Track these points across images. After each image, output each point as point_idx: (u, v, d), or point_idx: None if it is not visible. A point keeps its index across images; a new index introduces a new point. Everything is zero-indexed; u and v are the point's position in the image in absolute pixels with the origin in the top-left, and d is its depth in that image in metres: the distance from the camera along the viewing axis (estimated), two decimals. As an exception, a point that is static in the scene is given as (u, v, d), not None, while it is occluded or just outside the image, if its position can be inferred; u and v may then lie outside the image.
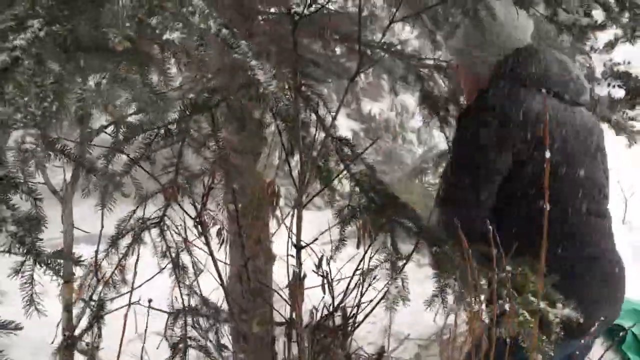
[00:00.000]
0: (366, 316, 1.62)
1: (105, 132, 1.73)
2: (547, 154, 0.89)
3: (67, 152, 1.29)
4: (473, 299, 1.29)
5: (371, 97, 6.59)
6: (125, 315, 1.48)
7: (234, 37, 1.31)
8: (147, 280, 1.77)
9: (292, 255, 1.51)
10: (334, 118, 1.83)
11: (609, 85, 6.10)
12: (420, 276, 2.65)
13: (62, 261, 1.12)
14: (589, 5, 1.78)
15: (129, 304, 1.51)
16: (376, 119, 6.67)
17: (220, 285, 1.53)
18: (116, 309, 1.97)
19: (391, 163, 6.68)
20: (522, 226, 1.64)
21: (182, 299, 1.87)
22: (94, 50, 1.07)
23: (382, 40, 2.26)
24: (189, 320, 1.95)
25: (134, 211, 1.96)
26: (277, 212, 1.56)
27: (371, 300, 1.63)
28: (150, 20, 1.03)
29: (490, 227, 1.28)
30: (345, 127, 6.55)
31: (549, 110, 1.68)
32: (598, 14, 1.88)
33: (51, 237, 1.96)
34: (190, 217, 1.58)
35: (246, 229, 1.82)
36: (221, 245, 1.60)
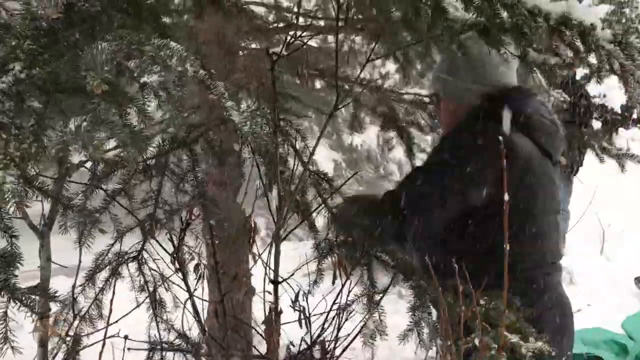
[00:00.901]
0: (343, 350, 1.63)
1: (85, 167, 1.74)
2: (506, 197, 0.92)
3: (45, 190, 1.30)
4: (447, 332, 1.31)
5: (353, 128, 6.65)
6: (100, 353, 1.47)
7: (211, 78, 1.35)
8: (124, 316, 1.76)
9: (269, 292, 1.52)
10: (312, 153, 1.86)
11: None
12: (401, 308, 2.66)
13: (37, 297, 1.12)
14: (557, 45, 1.84)
15: (104, 339, 1.50)
16: (358, 150, 6.73)
17: (197, 321, 1.54)
18: (92, 344, 1.95)
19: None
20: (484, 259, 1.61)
21: (159, 334, 1.86)
22: (74, 92, 1.09)
23: (360, 76, 2.31)
24: (167, 355, 1.94)
25: (112, 245, 1.96)
26: (254, 248, 1.57)
27: (349, 334, 1.64)
28: (128, 63, 1.06)
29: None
30: (327, 158, 6.60)
31: (530, 156, 1.76)
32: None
33: (29, 269, 1.95)
34: (168, 252, 1.58)
35: (224, 264, 1.83)
36: (198, 280, 1.61)
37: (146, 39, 1.11)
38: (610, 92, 7.23)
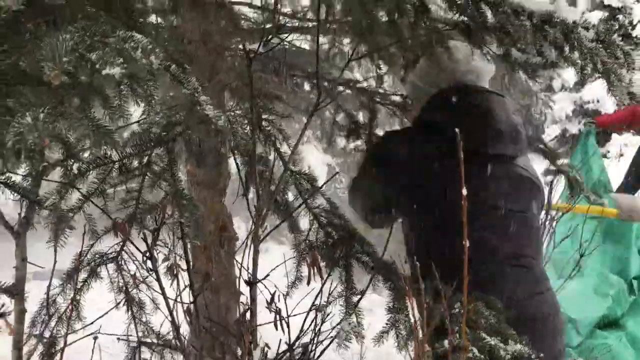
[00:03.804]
0: (321, 353, 1.60)
1: (62, 165, 1.71)
2: (464, 192, 0.90)
3: (12, 185, 1.27)
4: (421, 334, 1.28)
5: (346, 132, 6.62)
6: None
7: (184, 72, 1.33)
8: (101, 317, 1.73)
9: (242, 292, 1.49)
10: (292, 151, 1.84)
11: (579, 122, 6.26)
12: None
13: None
14: (541, 44, 1.82)
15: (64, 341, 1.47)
16: (351, 154, 6.70)
17: (171, 322, 1.51)
18: (69, 344, 1.92)
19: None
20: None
21: (138, 336, 1.83)
22: (35, 84, 1.07)
23: (344, 77, 2.29)
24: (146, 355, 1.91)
25: (91, 246, 1.93)
26: (223, 249, 1.55)
27: (326, 338, 1.61)
28: (90, 55, 1.04)
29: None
30: (321, 162, 6.57)
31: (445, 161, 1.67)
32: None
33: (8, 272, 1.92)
34: (140, 251, 1.56)
35: (203, 265, 1.80)
36: (173, 281, 1.58)
37: (111, 31, 1.09)
38: (603, 97, 7.24)
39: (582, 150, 4.11)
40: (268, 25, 2.75)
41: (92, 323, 1.79)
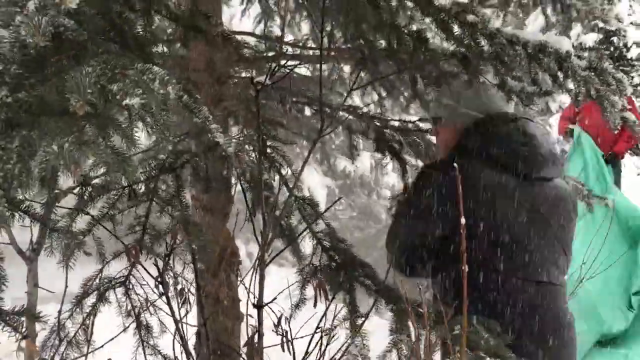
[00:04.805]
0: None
1: (73, 193, 1.76)
2: (463, 221, 0.95)
3: (32, 213, 1.32)
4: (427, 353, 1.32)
5: (346, 154, 6.71)
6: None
7: (196, 102, 1.39)
8: (110, 340, 1.76)
9: (250, 315, 1.53)
10: (297, 178, 1.89)
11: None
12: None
13: (21, 319, 1.13)
14: (536, 73, 1.89)
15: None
16: (351, 176, 6.78)
17: (182, 345, 1.54)
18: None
19: (366, 219, 6.75)
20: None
21: (145, 359, 1.86)
22: (59, 115, 1.12)
23: (345, 103, 2.36)
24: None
25: (100, 270, 1.97)
26: (233, 273, 1.59)
27: (332, 358, 1.64)
28: (111, 86, 1.10)
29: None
30: (320, 184, 6.64)
31: (498, 185, 1.79)
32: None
33: (16, 296, 1.95)
34: (152, 276, 1.60)
35: (211, 289, 1.84)
36: (183, 305, 1.62)
37: (130, 64, 1.15)
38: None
39: (578, 152, 4.18)
40: (270, 54, 2.83)
41: (101, 347, 1.82)
